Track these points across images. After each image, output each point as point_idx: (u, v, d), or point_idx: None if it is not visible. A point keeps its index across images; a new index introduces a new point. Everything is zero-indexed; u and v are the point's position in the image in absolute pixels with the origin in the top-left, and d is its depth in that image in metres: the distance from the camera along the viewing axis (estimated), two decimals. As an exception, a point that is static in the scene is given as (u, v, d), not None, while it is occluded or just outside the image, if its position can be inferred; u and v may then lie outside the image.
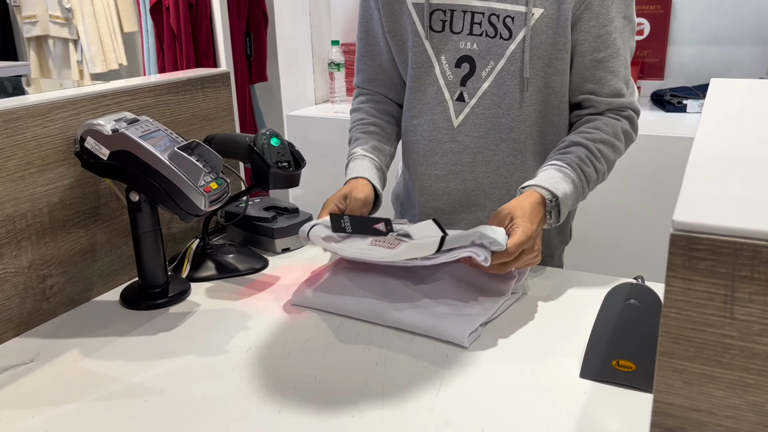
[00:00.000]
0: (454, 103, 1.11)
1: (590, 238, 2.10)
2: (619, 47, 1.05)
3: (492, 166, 1.12)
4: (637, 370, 0.75)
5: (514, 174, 1.12)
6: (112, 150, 0.92)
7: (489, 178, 1.13)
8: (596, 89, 1.07)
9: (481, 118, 1.10)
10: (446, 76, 1.11)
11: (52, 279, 0.96)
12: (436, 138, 1.14)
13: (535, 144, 1.12)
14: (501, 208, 0.96)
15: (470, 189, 1.14)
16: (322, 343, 0.87)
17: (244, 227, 1.20)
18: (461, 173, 1.14)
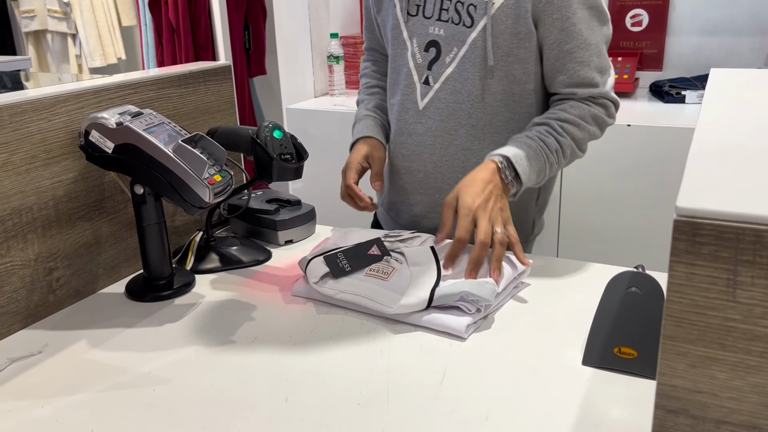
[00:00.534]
0: (421, 86, 1.16)
1: (590, 229, 2.11)
2: (586, 37, 1.06)
3: (450, 150, 1.16)
4: (639, 357, 0.76)
5: (471, 159, 1.15)
6: (116, 143, 0.92)
7: (447, 162, 1.17)
8: (566, 80, 1.09)
9: (443, 103, 1.14)
10: (416, 59, 1.16)
11: (59, 271, 0.96)
12: (404, 119, 1.19)
13: (495, 132, 1.14)
14: (455, 188, 1.01)
15: (429, 171, 1.19)
16: (326, 333, 0.88)
17: (247, 220, 1.21)
18: (422, 155, 1.18)
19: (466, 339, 0.86)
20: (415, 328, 0.89)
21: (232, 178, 0.97)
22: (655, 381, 0.75)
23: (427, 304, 0.88)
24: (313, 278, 0.96)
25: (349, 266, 0.96)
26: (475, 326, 0.88)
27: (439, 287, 0.90)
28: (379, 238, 1.03)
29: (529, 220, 1.25)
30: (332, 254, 0.98)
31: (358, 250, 0.99)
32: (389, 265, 0.96)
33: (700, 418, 0.41)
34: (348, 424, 0.69)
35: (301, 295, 0.98)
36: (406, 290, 0.90)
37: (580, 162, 2.09)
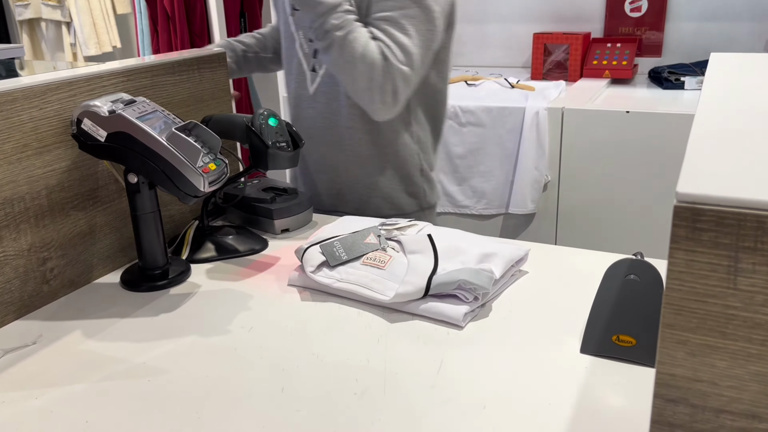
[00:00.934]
0: (310, 73, 1.30)
1: (588, 216, 2.10)
2: (408, 29, 1.15)
3: (337, 130, 1.29)
4: (638, 345, 0.76)
5: (355, 136, 1.28)
6: (109, 131, 0.91)
7: (336, 142, 1.30)
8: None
9: (327, 87, 1.27)
10: (303, 49, 1.29)
11: (52, 261, 0.96)
12: (300, 105, 1.33)
13: None
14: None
15: (323, 152, 1.32)
16: (322, 322, 0.88)
17: (242, 209, 1.20)
18: (316, 137, 1.32)
19: (463, 327, 0.85)
20: (412, 316, 0.88)
21: (227, 167, 0.96)
22: (654, 369, 0.75)
23: (424, 293, 0.88)
24: (310, 267, 0.95)
25: (346, 255, 0.96)
26: (473, 314, 0.88)
27: (436, 275, 0.89)
28: (375, 227, 1.02)
29: (419, 190, 1.36)
30: (328, 243, 0.98)
31: (354, 238, 0.99)
32: (386, 254, 0.95)
33: (700, 407, 0.41)
34: (344, 414, 0.69)
35: (297, 284, 0.98)
36: (402, 279, 0.90)
37: (579, 149, 2.08)
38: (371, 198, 1.34)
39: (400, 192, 1.34)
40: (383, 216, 1.28)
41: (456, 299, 0.88)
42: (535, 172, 2.13)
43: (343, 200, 1.35)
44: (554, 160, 2.12)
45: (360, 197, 1.34)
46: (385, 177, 1.32)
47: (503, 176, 2.21)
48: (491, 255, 0.95)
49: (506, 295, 0.93)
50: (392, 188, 1.33)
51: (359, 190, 1.33)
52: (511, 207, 2.20)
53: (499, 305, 0.91)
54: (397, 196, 1.34)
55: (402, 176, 1.33)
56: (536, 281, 0.97)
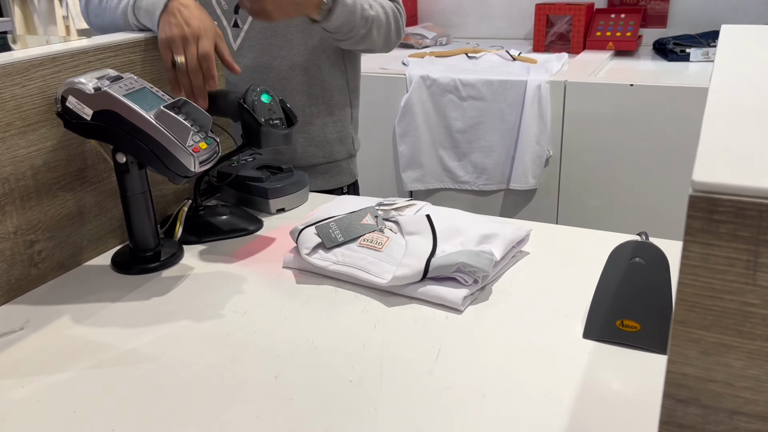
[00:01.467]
0: (232, 29, 1.27)
1: (591, 192, 2.07)
2: None
3: (268, 82, 1.29)
4: (642, 330, 0.74)
5: (287, 87, 1.30)
6: (95, 110, 0.88)
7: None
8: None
9: (254, 41, 1.27)
10: (221, 5, 1.27)
11: (40, 244, 0.93)
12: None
13: (305, 60, 1.29)
14: None
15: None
16: (318, 306, 0.85)
17: (237, 188, 1.17)
18: (242, 78, 1.28)
19: (462, 311, 0.83)
20: (410, 300, 0.86)
21: (219, 146, 0.93)
22: (659, 354, 0.73)
23: (423, 276, 0.85)
24: (305, 249, 0.92)
25: (342, 236, 0.93)
26: (472, 298, 0.85)
27: (435, 258, 0.87)
28: (372, 207, 0.99)
29: (348, 138, 1.41)
30: (324, 224, 0.95)
31: (350, 219, 0.96)
32: (383, 235, 0.93)
33: (713, 408, 0.38)
34: (339, 402, 0.67)
35: (292, 266, 0.95)
36: (400, 261, 0.87)
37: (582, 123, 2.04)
38: (306, 147, 1.35)
39: (332, 140, 1.38)
40: (317, 164, 1.35)
41: (455, 282, 0.85)
42: (537, 146, 2.09)
43: (275, 151, 1.35)
44: (556, 135, 2.08)
45: (294, 147, 1.35)
46: (318, 125, 1.35)
47: (504, 151, 2.17)
48: (491, 236, 0.92)
49: (507, 278, 0.91)
50: (324, 136, 1.36)
51: (294, 140, 1.33)
52: (512, 183, 2.17)
53: (499, 288, 0.88)
54: (329, 143, 1.38)
55: (334, 122, 1.37)
56: (538, 263, 0.95)
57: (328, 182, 1.40)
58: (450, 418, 0.64)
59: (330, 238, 0.93)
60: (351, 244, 0.92)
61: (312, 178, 1.33)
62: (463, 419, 0.64)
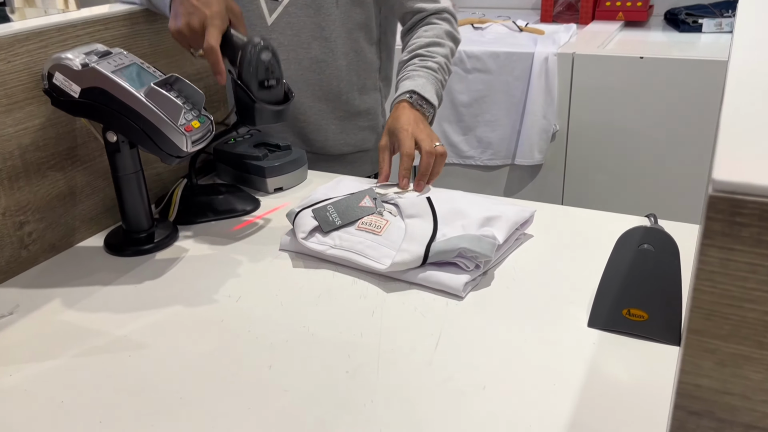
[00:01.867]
0: (267, 2, 1.19)
1: (597, 168, 2.03)
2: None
3: (305, 63, 1.22)
4: (650, 320, 0.71)
5: (326, 71, 1.23)
6: (83, 87, 0.84)
7: (302, 76, 1.23)
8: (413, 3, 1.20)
9: (294, 17, 1.19)
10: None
11: (30, 225, 0.90)
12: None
13: (344, 44, 1.22)
14: (384, 131, 1.08)
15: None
16: (315, 291, 0.83)
17: (234, 165, 1.14)
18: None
19: (463, 298, 0.80)
20: (410, 286, 0.83)
21: (213, 124, 0.90)
22: (666, 345, 0.70)
23: (423, 261, 0.82)
24: (301, 233, 0.89)
25: (340, 220, 0.90)
26: (474, 284, 0.82)
27: (435, 242, 0.84)
28: (372, 188, 0.96)
29: (378, 127, 1.35)
30: (321, 207, 0.92)
31: (348, 201, 0.93)
32: (382, 218, 0.90)
33: (728, 421, 0.35)
34: (334, 395, 0.65)
35: (288, 249, 0.93)
36: (399, 246, 0.84)
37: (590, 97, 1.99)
38: (338, 135, 1.30)
39: (364, 128, 1.33)
40: (347, 153, 1.31)
41: (456, 267, 0.82)
42: (544, 121, 2.04)
43: (306, 139, 1.30)
44: (563, 109, 2.03)
45: (326, 135, 1.29)
46: (351, 113, 1.30)
47: (510, 125, 2.13)
48: (494, 218, 0.89)
49: (510, 262, 0.88)
50: (356, 124, 1.31)
51: (324, 126, 1.28)
52: (518, 158, 2.13)
53: (501, 273, 0.85)
54: (361, 131, 1.32)
55: (367, 111, 1.32)
56: (542, 246, 0.92)
57: (356, 171, 1.32)
58: (449, 411, 0.62)
59: (327, 222, 0.90)
60: (349, 228, 0.89)
61: (340, 167, 1.28)
62: (463, 413, 0.62)
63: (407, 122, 1.05)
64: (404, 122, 1.05)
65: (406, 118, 1.05)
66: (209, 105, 1.18)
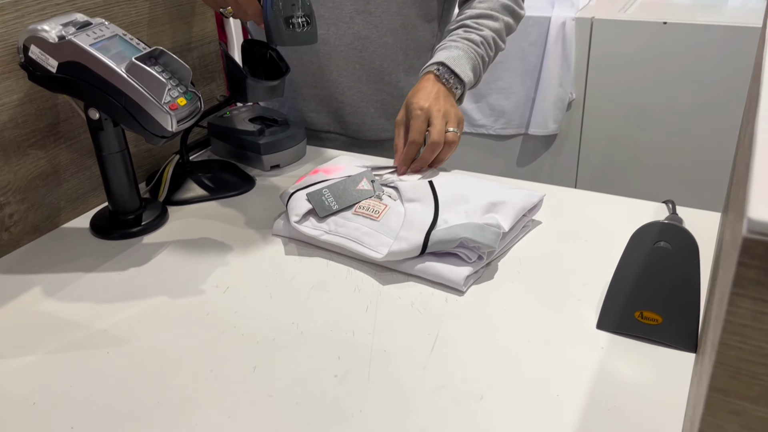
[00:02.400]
0: None
1: (614, 139, 1.95)
2: None
3: (346, 39, 1.13)
4: (664, 324, 0.65)
5: (369, 48, 1.13)
6: (60, 61, 0.79)
7: (342, 53, 1.14)
8: None
9: None
10: None
11: (11, 207, 0.86)
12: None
13: (392, 19, 1.12)
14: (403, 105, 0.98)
15: (324, 63, 1.15)
16: (306, 282, 0.78)
17: (228, 141, 1.09)
18: (314, 46, 1.12)
19: (464, 292, 0.75)
20: (408, 277, 0.78)
21: (201, 101, 0.84)
22: (680, 351, 0.65)
23: (422, 250, 0.77)
24: (295, 216, 0.84)
25: (336, 204, 0.85)
26: (476, 276, 0.77)
27: (435, 230, 0.78)
28: (368, 171, 0.90)
29: None
30: (317, 190, 0.87)
31: (346, 184, 0.87)
32: (381, 203, 0.84)
33: (752, 490, 0.30)
34: (321, 402, 0.60)
35: (281, 234, 0.88)
36: (397, 233, 0.79)
37: (606, 67, 1.90)
38: (376, 119, 1.20)
39: (379, 116, 1.22)
40: (385, 139, 1.21)
41: (457, 258, 0.77)
42: (559, 89, 1.96)
43: (342, 122, 1.20)
44: (580, 77, 1.95)
45: (363, 119, 1.19)
46: (393, 96, 1.20)
47: (524, 93, 2.05)
48: (499, 204, 0.83)
49: (516, 252, 0.83)
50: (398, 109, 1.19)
51: (362, 108, 1.18)
52: (532, 127, 2.05)
53: (506, 265, 0.80)
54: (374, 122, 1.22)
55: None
56: (551, 235, 0.86)
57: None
58: (442, 424, 0.58)
59: (323, 207, 0.84)
60: (346, 212, 0.84)
61: (376, 154, 1.16)
62: (457, 426, 0.57)
63: (425, 98, 0.95)
64: (421, 98, 0.95)
65: (425, 93, 0.96)
66: (205, 75, 1.12)
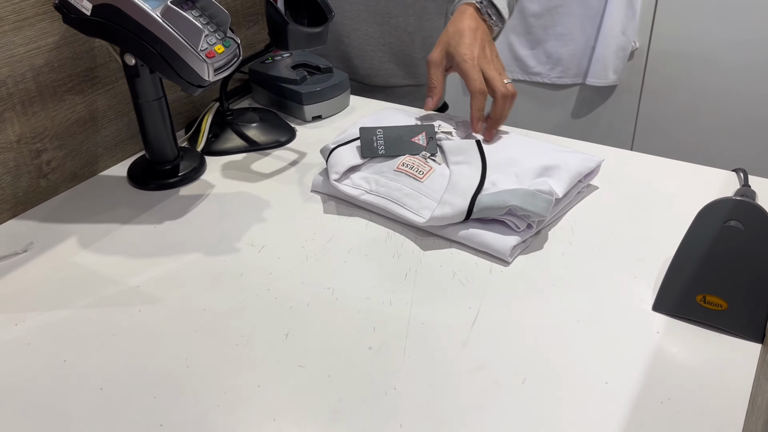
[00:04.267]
0: None
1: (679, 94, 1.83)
2: None
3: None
4: (729, 309, 0.60)
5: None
6: (95, 3, 0.75)
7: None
8: None
9: None
10: None
11: (48, 153, 0.85)
12: None
13: None
14: (438, 43, 0.91)
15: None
16: (344, 245, 0.75)
17: (269, 89, 1.04)
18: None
19: (510, 263, 0.71)
20: (450, 243, 0.74)
21: (240, 48, 0.80)
22: (746, 341, 0.60)
23: (467, 216, 0.73)
24: (335, 174, 0.80)
25: (384, 149, 0.80)
26: (523, 246, 0.73)
27: (482, 194, 0.74)
28: (431, 125, 0.85)
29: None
30: (370, 128, 0.82)
31: (401, 132, 0.83)
32: (426, 164, 0.79)
33: None
34: (353, 376, 0.58)
35: (320, 191, 0.84)
36: (441, 197, 0.75)
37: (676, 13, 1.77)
38: (384, 64, 1.17)
39: (418, 59, 1.18)
40: (399, 85, 1.17)
41: (504, 226, 0.73)
42: (622, 37, 1.84)
43: (349, 65, 1.17)
44: (646, 24, 1.82)
45: (370, 63, 1.16)
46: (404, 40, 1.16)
47: (583, 40, 1.93)
48: (553, 167, 0.78)
49: (567, 221, 0.77)
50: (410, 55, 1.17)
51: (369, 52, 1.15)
52: (590, 77, 1.94)
53: (557, 234, 0.75)
54: (414, 64, 1.18)
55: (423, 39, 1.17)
56: (607, 203, 0.80)
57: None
58: (480, 408, 0.54)
59: (370, 148, 0.80)
60: (387, 171, 0.80)
61: (386, 99, 1.13)
62: (495, 410, 0.54)
63: (470, 43, 0.87)
64: (468, 45, 0.87)
65: (470, 38, 0.88)
66: (246, 19, 1.07)
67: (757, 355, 0.58)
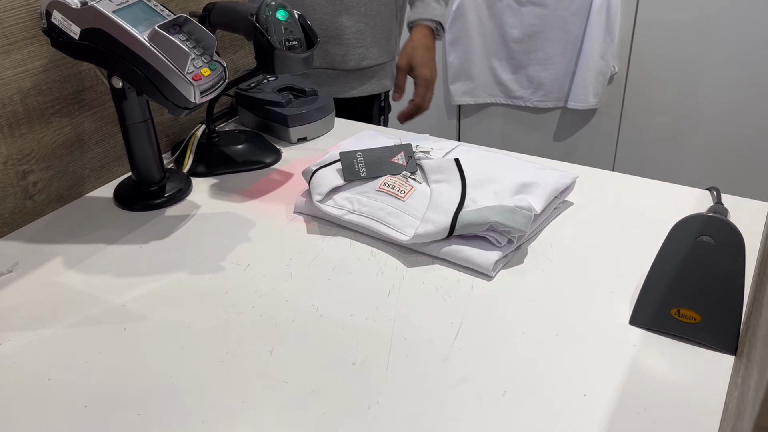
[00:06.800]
0: None
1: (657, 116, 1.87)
2: None
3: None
4: (702, 323, 0.62)
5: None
6: (82, 27, 0.77)
7: None
8: None
9: None
10: None
11: (35, 175, 0.85)
12: None
13: None
14: (402, 54, 1.37)
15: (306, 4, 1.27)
16: (328, 263, 0.76)
17: (255, 111, 1.06)
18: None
19: (493, 278, 0.72)
20: (433, 260, 0.75)
21: (225, 71, 0.82)
22: (719, 353, 0.61)
23: (449, 233, 0.74)
24: (317, 195, 0.82)
25: (366, 171, 0.82)
26: (505, 261, 0.74)
27: (463, 212, 0.75)
28: (408, 145, 0.87)
29: (392, 38, 1.39)
30: (350, 152, 0.84)
31: (380, 154, 0.84)
32: (407, 183, 0.81)
33: None
34: (337, 391, 0.58)
35: (304, 212, 0.85)
36: (423, 215, 0.76)
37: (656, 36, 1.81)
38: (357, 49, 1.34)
39: (380, 39, 1.36)
40: (361, 67, 1.34)
41: (486, 242, 0.74)
42: (601, 61, 1.88)
43: (326, 54, 1.32)
44: (624, 49, 1.86)
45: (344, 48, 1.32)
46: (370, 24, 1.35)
47: (564, 65, 1.98)
48: (531, 184, 0.79)
49: (547, 237, 0.79)
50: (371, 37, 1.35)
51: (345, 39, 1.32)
52: (571, 101, 1.98)
53: (537, 249, 0.77)
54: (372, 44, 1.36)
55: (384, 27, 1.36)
56: (585, 221, 0.82)
57: (376, 86, 1.38)
58: (462, 421, 0.55)
59: (351, 171, 0.82)
60: (369, 191, 0.81)
61: (359, 80, 1.35)
62: (477, 423, 0.55)
63: (428, 64, 1.36)
64: (426, 65, 1.35)
65: (429, 58, 1.36)
66: (231, 43, 1.09)
67: (731, 367, 0.60)
